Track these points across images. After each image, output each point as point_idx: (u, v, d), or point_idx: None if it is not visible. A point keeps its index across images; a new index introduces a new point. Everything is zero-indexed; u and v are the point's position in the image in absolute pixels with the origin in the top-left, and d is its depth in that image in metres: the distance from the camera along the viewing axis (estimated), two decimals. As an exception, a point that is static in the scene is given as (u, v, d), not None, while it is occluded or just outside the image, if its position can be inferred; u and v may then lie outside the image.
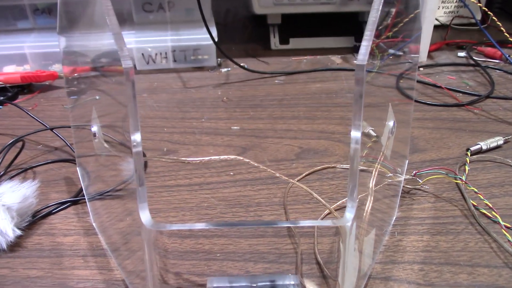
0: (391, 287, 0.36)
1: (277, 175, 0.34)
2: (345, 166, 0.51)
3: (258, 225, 0.31)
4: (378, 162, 0.34)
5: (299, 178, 0.49)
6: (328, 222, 0.28)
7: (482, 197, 0.43)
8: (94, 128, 0.37)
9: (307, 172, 0.50)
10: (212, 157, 0.39)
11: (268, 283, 0.32)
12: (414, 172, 0.47)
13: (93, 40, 0.42)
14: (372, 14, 0.26)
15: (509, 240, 0.39)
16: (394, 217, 0.43)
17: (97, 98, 0.58)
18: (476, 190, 0.44)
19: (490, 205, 0.42)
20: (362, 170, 0.47)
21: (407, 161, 0.48)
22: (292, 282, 0.32)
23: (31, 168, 0.50)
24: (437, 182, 0.48)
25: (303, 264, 0.38)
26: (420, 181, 0.47)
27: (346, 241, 0.28)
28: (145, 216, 0.28)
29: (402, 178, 0.45)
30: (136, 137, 0.28)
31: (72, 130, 0.47)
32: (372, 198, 0.32)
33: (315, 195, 0.44)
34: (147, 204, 0.28)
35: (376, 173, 0.33)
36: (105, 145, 0.36)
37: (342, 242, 0.29)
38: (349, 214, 0.27)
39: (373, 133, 0.40)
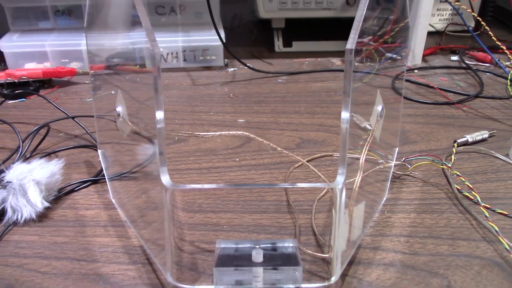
0: (379, 255, 0.40)
1: (283, 151, 0.38)
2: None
3: (259, 186, 0.34)
4: (368, 141, 0.38)
5: (298, 164, 0.53)
6: (322, 184, 0.33)
7: (463, 179, 0.47)
8: (119, 109, 0.41)
9: (307, 159, 0.54)
10: (223, 132, 0.43)
11: (269, 245, 0.36)
12: (403, 159, 0.51)
13: (111, 39, 0.46)
14: (360, 7, 0.31)
15: (487, 217, 0.43)
16: (385, 198, 0.47)
17: (112, 93, 0.63)
18: (458, 173, 0.48)
19: (471, 186, 0.46)
20: (356, 159, 0.52)
21: (397, 149, 0.52)
22: (291, 245, 0.36)
23: (54, 152, 0.55)
24: (425, 169, 0.52)
25: (301, 235, 0.42)
26: (409, 166, 0.51)
27: (337, 204, 0.32)
28: (165, 178, 0.32)
29: (392, 164, 0.50)
30: (159, 115, 0.32)
31: (96, 119, 0.51)
32: (361, 172, 0.36)
33: (312, 167, 0.48)
34: (166, 169, 0.33)
35: (366, 150, 0.37)
36: (129, 123, 0.41)
37: (334, 208, 0.34)
38: (340, 178, 0.31)
39: (369, 127, 0.44)
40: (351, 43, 0.29)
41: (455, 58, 0.85)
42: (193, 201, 0.47)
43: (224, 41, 0.76)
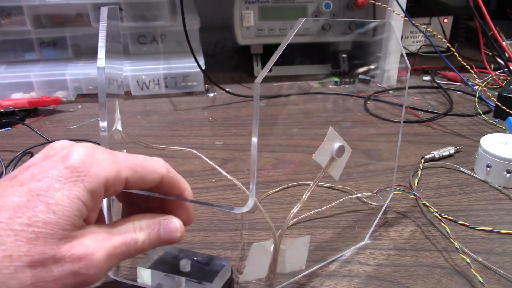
0: (345, 267, 0.42)
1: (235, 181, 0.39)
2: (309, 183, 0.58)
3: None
4: (317, 178, 0.37)
5: (273, 191, 0.55)
6: (230, 208, 0.33)
7: (427, 204, 0.49)
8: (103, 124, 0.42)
9: (283, 186, 0.55)
10: (173, 147, 0.45)
11: (204, 259, 0.38)
12: (375, 191, 0.52)
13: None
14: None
15: (448, 232, 0.45)
16: (364, 242, 0.48)
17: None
18: (427, 203, 0.48)
19: (430, 207, 0.48)
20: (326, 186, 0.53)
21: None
22: (224, 263, 0.37)
23: (37, 178, 0.57)
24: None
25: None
26: (381, 198, 0.51)
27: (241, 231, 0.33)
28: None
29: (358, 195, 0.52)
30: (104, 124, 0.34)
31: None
32: (299, 206, 0.37)
33: (240, 184, 0.50)
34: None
35: (313, 186, 0.37)
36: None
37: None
38: (248, 206, 0.32)
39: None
40: (258, 79, 0.30)
41: (427, 78, 0.89)
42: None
43: (203, 67, 0.79)
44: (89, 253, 0.25)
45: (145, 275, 0.36)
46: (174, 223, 0.31)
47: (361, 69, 0.90)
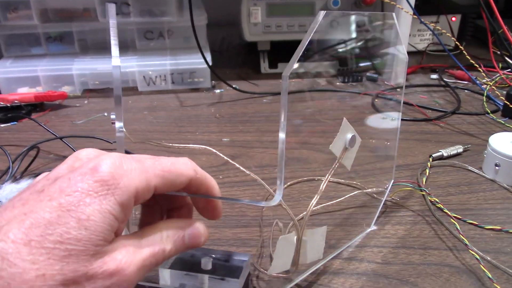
0: (353, 265, 0.42)
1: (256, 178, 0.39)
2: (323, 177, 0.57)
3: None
4: (332, 168, 0.38)
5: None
6: (258, 202, 0.33)
7: (437, 200, 0.49)
8: (114, 116, 0.42)
9: (289, 183, 0.55)
10: (187, 145, 0.45)
11: (224, 255, 0.38)
12: (386, 186, 0.52)
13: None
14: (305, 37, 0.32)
15: (457, 229, 0.45)
16: (370, 228, 0.49)
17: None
18: (437, 200, 0.49)
19: (440, 203, 0.48)
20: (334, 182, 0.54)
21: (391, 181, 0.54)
22: (244, 258, 0.37)
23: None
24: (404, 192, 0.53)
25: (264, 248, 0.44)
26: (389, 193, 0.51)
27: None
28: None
29: (367, 190, 0.52)
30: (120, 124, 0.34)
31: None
32: (318, 197, 0.37)
33: (267, 186, 0.50)
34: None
35: (328, 177, 0.38)
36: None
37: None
38: (275, 200, 0.32)
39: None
40: (286, 71, 0.30)
41: (434, 76, 0.88)
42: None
43: (210, 64, 0.79)
44: (120, 268, 0.25)
45: (166, 275, 0.36)
46: (198, 228, 0.31)
47: (365, 64, 0.89)
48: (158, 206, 0.34)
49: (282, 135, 0.30)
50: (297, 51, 0.30)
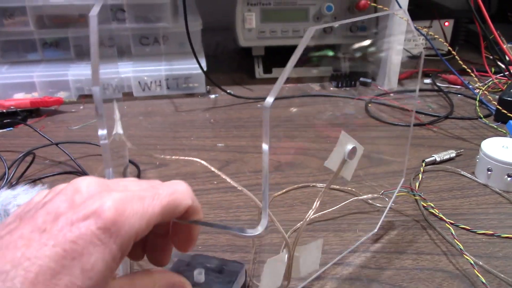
0: (347, 270, 0.43)
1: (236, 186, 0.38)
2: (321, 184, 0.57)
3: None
4: (330, 181, 0.38)
5: (278, 193, 0.55)
6: (238, 230, 0.32)
7: (432, 205, 0.49)
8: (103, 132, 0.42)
9: (287, 188, 0.56)
10: (178, 157, 0.45)
11: (217, 266, 0.38)
12: (381, 192, 0.52)
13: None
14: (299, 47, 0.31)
15: (452, 233, 0.45)
16: (373, 232, 0.49)
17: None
18: (432, 205, 0.49)
19: (435, 208, 0.48)
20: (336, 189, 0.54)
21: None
22: (237, 269, 0.37)
23: (40, 179, 0.57)
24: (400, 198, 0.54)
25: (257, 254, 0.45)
26: (387, 199, 0.51)
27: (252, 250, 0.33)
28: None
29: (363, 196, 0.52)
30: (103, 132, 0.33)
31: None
32: (312, 212, 0.37)
33: (255, 200, 0.50)
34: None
35: (322, 193, 0.37)
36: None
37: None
38: (259, 229, 0.32)
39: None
40: (269, 99, 0.27)
41: (428, 81, 0.89)
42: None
43: (205, 69, 0.80)
44: None
45: None
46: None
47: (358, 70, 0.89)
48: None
49: (265, 147, 0.29)
50: (283, 74, 0.29)
